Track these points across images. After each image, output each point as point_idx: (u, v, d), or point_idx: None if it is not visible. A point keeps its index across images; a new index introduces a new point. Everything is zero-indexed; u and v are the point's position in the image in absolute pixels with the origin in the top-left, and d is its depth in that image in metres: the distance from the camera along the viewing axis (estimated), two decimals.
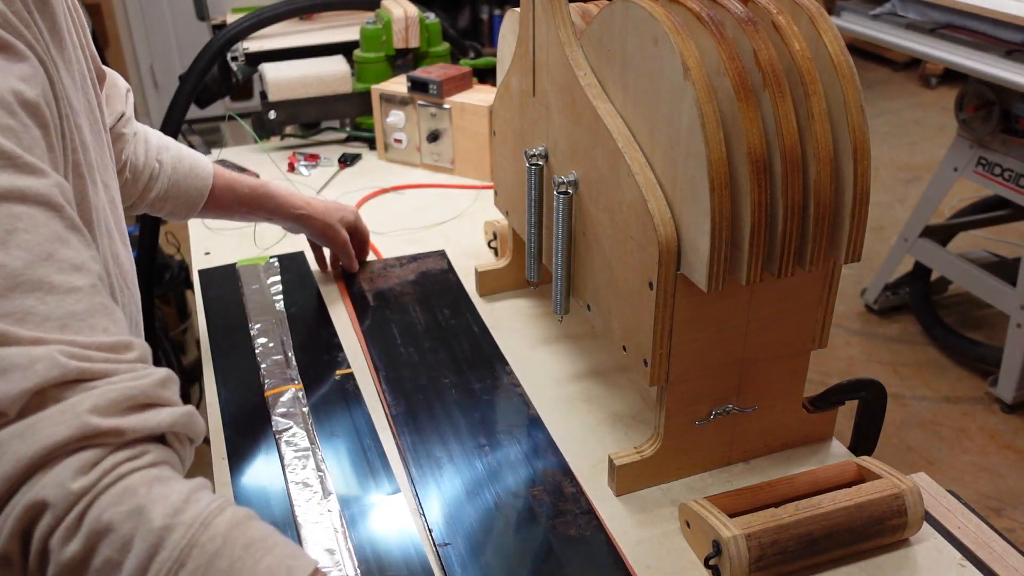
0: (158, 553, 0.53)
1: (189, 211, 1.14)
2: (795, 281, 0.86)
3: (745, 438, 0.94)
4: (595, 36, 0.89)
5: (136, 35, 4.21)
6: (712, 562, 0.80)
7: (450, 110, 1.59)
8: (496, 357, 1.12)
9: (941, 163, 2.63)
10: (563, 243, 0.97)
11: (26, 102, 0.61)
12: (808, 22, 0.77)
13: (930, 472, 0.93)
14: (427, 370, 1.10)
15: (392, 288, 1.27)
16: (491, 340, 1.15)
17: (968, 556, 0.83)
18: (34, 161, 0.60)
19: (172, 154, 1.11)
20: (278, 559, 0.56)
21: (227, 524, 0.56)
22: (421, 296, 1.25)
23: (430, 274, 1.31)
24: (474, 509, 0.89)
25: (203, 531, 0.55)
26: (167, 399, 0.61)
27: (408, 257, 1.35)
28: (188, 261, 2.04)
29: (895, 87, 4.90)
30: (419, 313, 1.21)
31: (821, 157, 0.75)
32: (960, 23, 2.35)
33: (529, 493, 0.91)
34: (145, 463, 0.57)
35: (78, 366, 0.56)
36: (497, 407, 1.04)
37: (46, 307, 0.57)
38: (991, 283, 2.48)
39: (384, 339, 1.16)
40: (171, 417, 0.60)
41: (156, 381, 0.60)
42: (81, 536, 0.54)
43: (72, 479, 0.54)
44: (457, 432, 0.99)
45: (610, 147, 0.86)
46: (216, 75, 1.86)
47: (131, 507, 0.54)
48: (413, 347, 1.14)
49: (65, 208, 0.61)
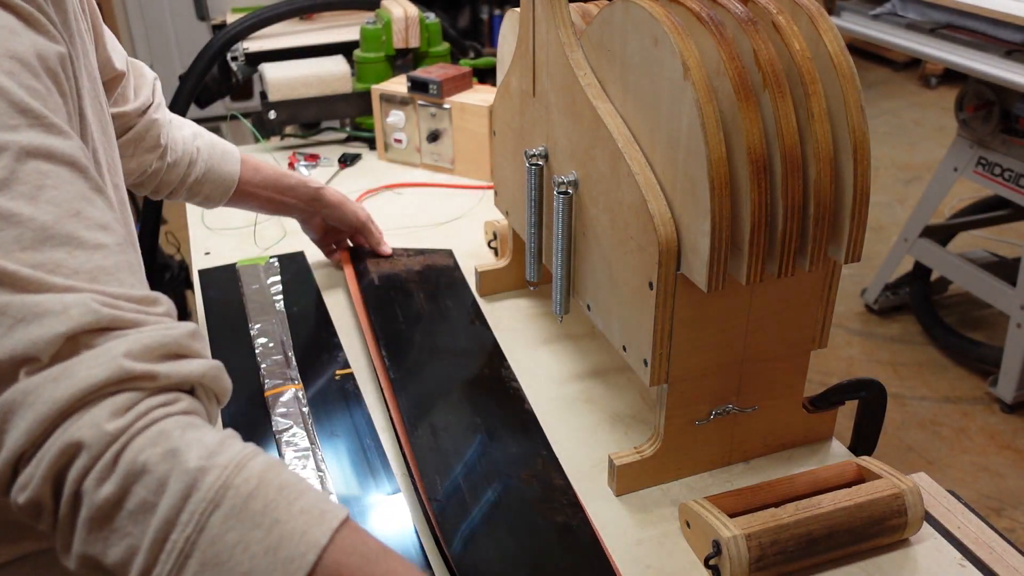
0: (193, 494, 0.54)
1: (223, 195, 1.18)
2: (795, 281, 0.86)
3: (745, 438, 0.94)
4: (595, 36, 0.89)
5: (136, 35, 4.21)
6: (712, 562, 0.80)
7: (450, 110, 1.59)
8: (496, 354, 1.12)
9: (941, 163, 2.63)
10: (563, 243, 0.97)
11: (49, 68, 0.62)
12: (808, 22, 0.77)
13: (930, 472, 0.93)
14: (428, 351, 1.11)
15: (398, 274, 1.28)
16: (492, 336, 1.16)
17: (968, 556, 0.83)
18: (59, 122, 0.61)
19: (205, 140, 1.16)
20: (311, 502, 0.56)
21: (261, 467, 0.56)
22: (426, 286, 1.26)
23: (436, 268, 1.31)
24: (465, 476, 0.90)
25: (237, 473, 0.55)
26: (197, 351, 0.61)
27: (415, 250, 1.36)
28: (188, 261, 2.04)
29: (895, 87, 4.90)
30: (423, 300, 1.22)
31: (821, 157, 0.75)
32: (960, 23, 2.35)
33: (519, 475, 0.91)
34: (178, 410, 0.58)
35: (111, 313, 0.57)
36: (493, 397, 1.04)
37: (76, 260, 0.58)
38: (991, 283, 2.48)
39: (386, 316, 1.17)
40: (202, 368, 0.61)
41: (187, 332, 0.61)
42: (116, 477, 0.54)
43: (108, 420, 0.54)
44: (457, 411, 1.00)
45: (610, 147, 0.86)
46: (216, 75, 1.86)
47: (166, 449, 0.55)
48: (416, 328, 1.15)
49: (89, 169, 0.62)
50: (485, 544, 0.84)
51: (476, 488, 0.90)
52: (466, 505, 0.87)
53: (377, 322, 1.15)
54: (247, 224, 1.45)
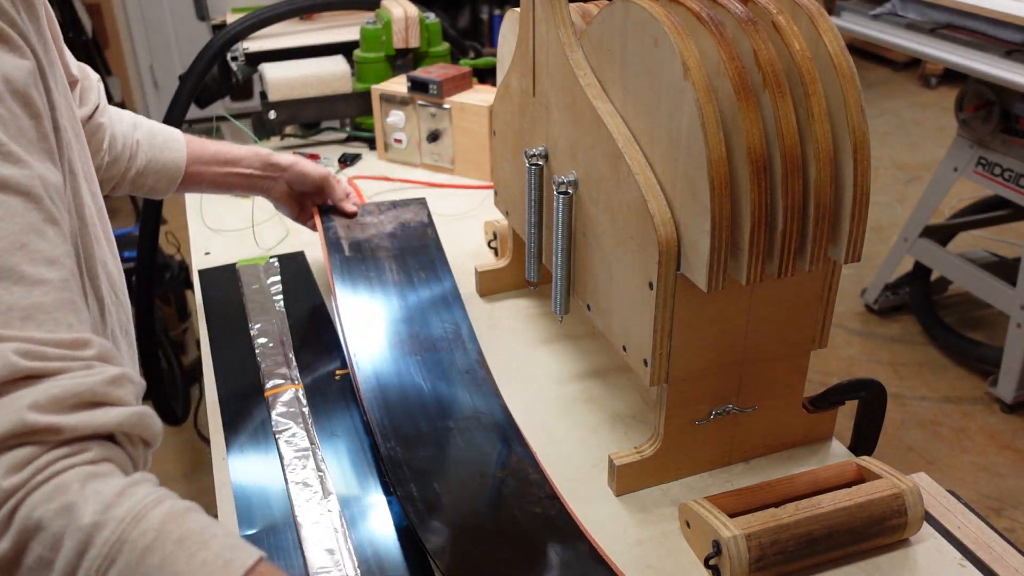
0: (88, 550, 0.52)
1: (170, 183, 1.14)
2: (795, 281, 0.86)
3: (745, 438, 0.94)
4: (595, 36, 0.89)
5: (136, 35, 4.21)
6: (712, 562, 0.80)
7: (450, 110, 1.59)
8: (470, 338, 1.10)
9: (941, 163, 2.63)
10: (563, 243, 0.97)
11: (16, 91, 0.61)
12: (808, 22, 0.77)
13: (930, 472, 0.93)
14: (398, 342, 1.08)
15: (370, 238, 1.23)
16: (463, 311, 1.14)
17: (968, 556, 0.83)
18: (17, 151, 0.60)
19: (145, 130, 1.11)
20: (215, 552, 0.54)
21: (161, 518, 0.54)
22: (397, 251, 1.21)
23: (408, 225, 1.26)
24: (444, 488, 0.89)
25: (134, 526, 0.53)
26: (117, 398, 0.59)
27: (388, 203, 1.31)
28: (188, 261, 2.04)
29: (895, 87, 4.90)
30: (394, 270, 1.18)
31: (821, 157, 0.75)
32: (960, 23, 2.35)
33: (494, 472, 0.91)
34: (82, 460, 0.56)
35: (27, 365, 0.55)
36: (463, 387, 1.03)
37: (12, 297, 0.57)
38: (991, 283, 2.48)
39: (355, 291, 1.14)
40: (119, 417, 0.58)
41: (107, 379, 0.59)
42: (12, 534, 0.53)
43: (4, 476, 0.53)
44: (424, 405, 0.99)
45: (610, 147, 0.86)
46: (216, 75, 1.86)
47: (61, 504, 0.53)
48: (384, 307, 1.12)
49: (44, 200, 0.61)
50: (464, 541, 0.84)
51: (450, 485, 0.89)
52: (442, 505, 0.87)
53: (343, 300, 1.11)
54: (247, 225, 1.45)
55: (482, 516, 0.87)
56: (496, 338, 1.17)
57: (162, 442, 0.65)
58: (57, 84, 0.71)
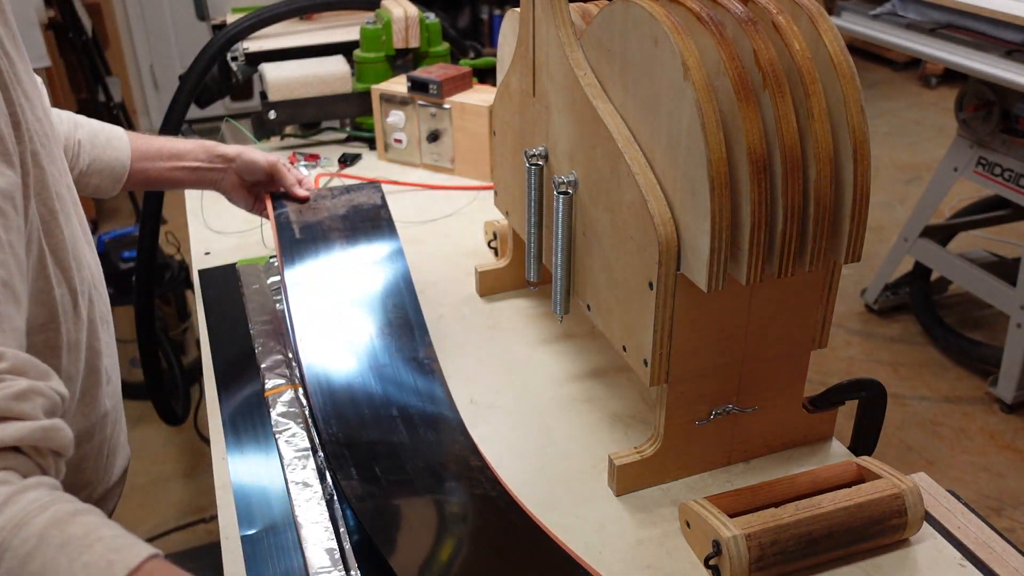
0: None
1: (115, 182, 1.13)
2: (795, 281, 0.86)
3: (745, 438, 0.94)
4: (595, 36, 0.89)
5: (136, 35, 4.21)
6: (712, 562, 0.80)
7: (450, 110, 1.59)
8: (418, 324, 1.09)
9: (941, 163, 2.63)
10: (563, 243, 0.97)
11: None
12: (808, 22, 0.77)
13: (930, 472, 0.93)
14: (346, 329, 1.07)
15: (322, 222, 1.21)
16: (413, 296, 1.12)
17: (968, 556, 0.83)
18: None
19: (86, 130, 1.10)
20: (98, 555, 0.54)
21: (44, 524, 0.55)
22: (349, 234, 1.19)
23: (361, 208, 1.24)
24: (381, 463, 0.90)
25: (16, 533, 0.54)
26: (21, 412, 0.59)
27: (341, 188, 1.29)
28: (188, 261, 2.04)
29: (895, 87, 4.90)
30: (344, 254, 1.16)
31: (821, 157, 0.75)
32: (960, 23, 2.35)
33: (439, 461, 0.91)
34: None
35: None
36: (409, 374, 1.03)
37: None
38: (991, 283, 2.48)
39: (304, 272, 1.13)
40: (19, 432, 0.59)
41: (11, 394, 0.59)
42: None
43: None
44: (369, 395, 0.99)
45: (610, 147, 0.86)
46: (216, 75, 1.86)
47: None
48: (332, 290, 1.11)
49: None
50: (406, 525, 0.84)
51: (391, 470, 0.89)
52: (384, 489, 0.87)
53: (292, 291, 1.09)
54: (248, 227, 1.45)
55: (424, 500, 0.87)
56: (496, 338, 1.17)
57: (162, 442, 0.65)
58: (19, 79, 0.71)
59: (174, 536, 2.10)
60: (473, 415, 1.02)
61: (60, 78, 3.28)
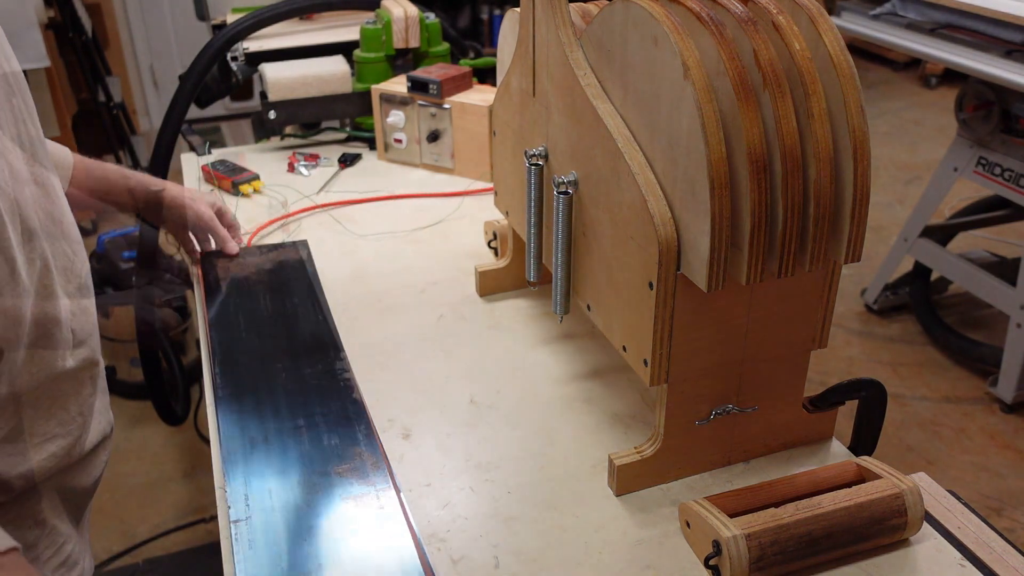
0: None
1: (65, 169, 1.12)
2: (795, 281, 0.86)
3: (745, 438, 0.94)
4: (595, 36, 0.89)
5: (136, 35, 4.21)
6: (712, 562, 0.80)
7: (450, 110, 1.59)
8: (332, 344, 1.13)
9: (941, 163, 2.63)
10: (563, 243, 0.97)
11: None
12: (808, 22, 0.77)
13: (930, 472, 0.93)
14: (262, 357, 1.11)
15: (248, 277, 1.28)
16: (331, 328, 1.17)
17: (968, 556, 0.83)
18: None
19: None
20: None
21: None
22: (274, 284, 1.27)
23: (286, 264, 1.32)
24: (279, 486, 0.91)
25: None
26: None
27: (268, 246, 1.37)
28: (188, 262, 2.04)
29: (895, 87, 4.90)
30: (267, 301, 1.23)
31: (821, 157, 0.75)
32: (960, 23, 2.35)
33: (334, 471, 0.92)
34: None
35: None
36: (323, 391, 1.05)
37: None
38: (991, 283, 2.48)
39: (228, 326, 1.18)
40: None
41: None
42: None
43: None
44: (277, 414, 1.01)
45: (610, 147, 0.86)
46: (216, 75, 1.86)
47: None
48: (255, 334, 1.16)
49: None
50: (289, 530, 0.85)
51: (285, 494, 0.89)
52: (274, 513, 0.87)
53: (216, 335, 1.15)
54: (248, 227, 1.45)
55: (310, 509, 0.88)
56: (496, 338, 1.17)
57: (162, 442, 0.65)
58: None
59: (174, 536, 2.10)
60: (473, 415, 1.02)
61: (60, 78, 3.28)
